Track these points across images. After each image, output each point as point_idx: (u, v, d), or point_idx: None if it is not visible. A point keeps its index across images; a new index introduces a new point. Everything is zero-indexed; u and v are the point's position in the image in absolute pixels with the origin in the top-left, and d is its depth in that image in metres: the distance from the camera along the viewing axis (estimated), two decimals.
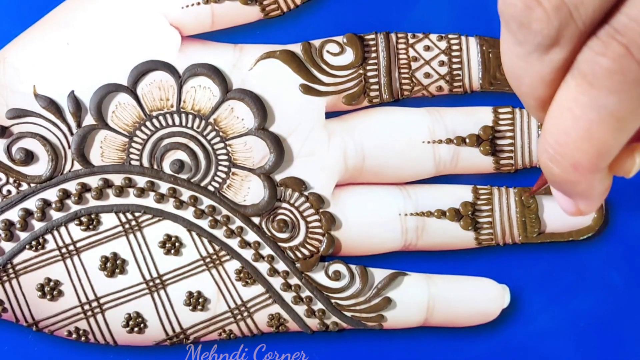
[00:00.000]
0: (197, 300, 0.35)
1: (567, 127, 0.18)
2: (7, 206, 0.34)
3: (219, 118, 0.34)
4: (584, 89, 0.17)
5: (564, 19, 0.16)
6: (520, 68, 0.18)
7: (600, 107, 0.17)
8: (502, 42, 0.18)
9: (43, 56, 0.34)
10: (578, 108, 0.17)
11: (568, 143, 0.18)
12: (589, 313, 0.35)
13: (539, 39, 0.17)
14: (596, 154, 0.18)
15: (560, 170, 0.18)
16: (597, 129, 0.17)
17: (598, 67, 0.17)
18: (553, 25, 0.16)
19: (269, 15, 0.35)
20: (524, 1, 0.16)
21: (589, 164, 0.18)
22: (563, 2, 0.16)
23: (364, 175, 0.35)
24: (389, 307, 0.35)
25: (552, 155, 0.18)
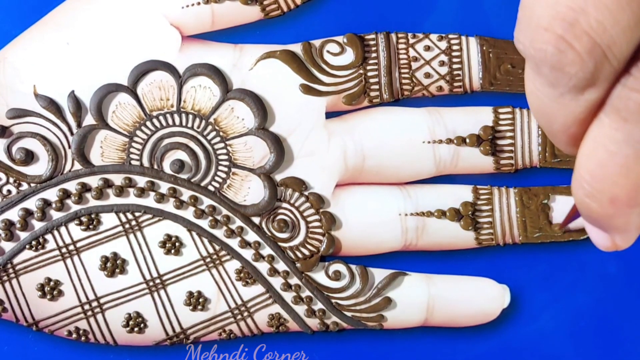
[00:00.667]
0: (197, 300, 0.35)
1: (603, 163, 0.18)
2: (7, 206, 0.34)
3: (219, 118, 0.34)
4: (619, 125, 0.17)
5: (599, 60, 0.16)
6: (551, 108, 0.18)
7: (635, 142, 0.17)
8: (529, 82, 0.18)
9: (43, 56, 0.34)
10: (613, 144, 0.17)
11: (605, 178, 0.18)
12: (589, 313, 0.36)
13: (574, 82, 0.17)
14: (634, 188, 0.18)
15: (597, 206, 0.19)
16: (633, 164, 0.17)
17: (632, 102, 0.17)
18: (588, 67, 0.16)
19: (269, 15, 0.35)
20: (555, 45, 0.16)
21: (627, 199, 0.18)
22: (596, 43, 0.16)
23: (364, 175, 0.35)
24: (389, 307, 0.35)
25: (589, 191, 0.18)
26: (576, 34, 0.16)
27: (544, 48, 0.16)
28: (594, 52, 0.16)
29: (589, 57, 0.16)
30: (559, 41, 0.16)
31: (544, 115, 0.18)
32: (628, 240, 0.20)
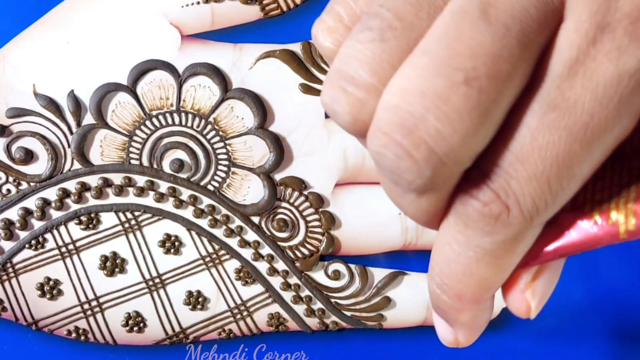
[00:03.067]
0: (197, 299, 0.35)
1: (450, 260, 0.18)
2: (7, 205, 0.34)
3: (219, 117, 0.34)
4: (461, 228, 0.17)
5: (436, 168, 0.16)
6: (399, 202, 0.18)
7: (475, 247, 0.17)
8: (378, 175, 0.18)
9: (43, 55, 0.34)
10: (457, 245, 0.18)
11: (451, 275, 0.18)
12: (588, 313, 0.35)
13: (413, 187, 0.16)
14: (478, 287, 0.18)
15: (446, 298, 0.19)
16: (475, 266, 0.18)
17: (471, 209, 0.17)
18: (425, 175, 0.16)
19: (268, 14, 0.35)
20: (393, 152, 0.16)
21: (472, 297, 0.18)
22: (433, 151, 0.16)
23: (363, 175, 0.35)
24: (389, 307, 0.35)
25: (439, 284, 0.19)
26: (414, 142, 0.16)
27: (383, 152, 0.16)
28: (431, 160, 0.16)
29: (426, 165, 0.16)
30: (397, 147, 0.16)
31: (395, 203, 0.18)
32: (470, 338, 0.21)
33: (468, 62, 0.15)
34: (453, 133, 0.16)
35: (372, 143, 0.16)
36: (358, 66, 0.17)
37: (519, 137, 0.16)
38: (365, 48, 0.17)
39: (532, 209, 0.16)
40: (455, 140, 0.16)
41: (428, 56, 0.16)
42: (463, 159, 0.16)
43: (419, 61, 0.16)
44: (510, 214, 0.16)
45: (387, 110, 0.16)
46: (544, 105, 0.16)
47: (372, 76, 0.16)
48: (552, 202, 0.16)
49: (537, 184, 0.16)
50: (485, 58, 0.15)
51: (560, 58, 0.16)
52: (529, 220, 0.17)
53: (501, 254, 0.17)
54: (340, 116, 0.17)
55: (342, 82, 0.17)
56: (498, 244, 0.17)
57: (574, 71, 0.16)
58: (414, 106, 0.16)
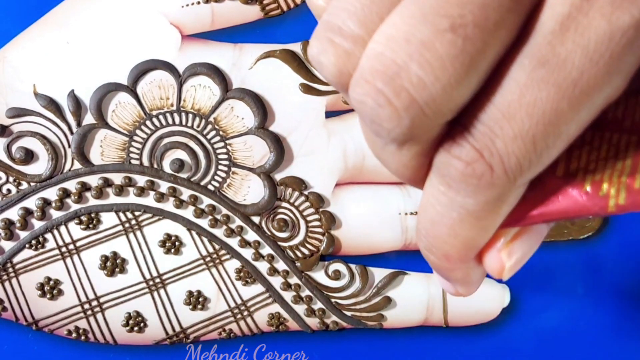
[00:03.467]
0: (197, 299, 0.35)
1: (434, 221, 0.18)
2: (7, 205, 0.34)
3: (219, 117, 0.34)
4: (444, 189, 0.17)
5: (416, 117, 0.16)
6: (381, 155, 0.18)
7: (459, 208, 0.17)
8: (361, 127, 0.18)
9: (43, 55, 0.34)
10: (440, 206, 0.18)
11: (436, 236, 0.18)
12: (588, 312, 0.35)
13: (392, 136, 0.16)
14: (463, 247, 0.18)
15: (435, 259, 0.19)
16: (459, 227, 0.18)
17: (453, 169, 0.17)
18: (405, 123, 0.16)
19: (268, 14, 0.35)
20: (374, 99, 0.16)
21: (459, 256, 0.18)
22: (414, 99, 0.15)
23: (364, 175, 0.35)
24: (389, 307, 0.35)
25: (426, 245, 0.19)
26: (395, 89, 0.15)
27: (364, 100, 0.16)
28: (411, 108, 0.16)
29: (406, 113, 0.16)
30: (377, 95, 0.16)
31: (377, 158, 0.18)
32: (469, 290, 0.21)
33: (455, 9, 0.15)
34: (435, 81, 0.15)
35: (353, 91, 0.16)
36: (346, 17, 0.16)
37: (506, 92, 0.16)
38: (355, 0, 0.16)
39: (516, 168, 0.16)
40: (436, 89, 0.15)
41: (415, 4, 0.15)
42: (444, 109, 0.16)
43: (406, 9, 0.16)
44: (493, 174, 0.16)
45: (371, 58, 0.16)
46: (533, 61, 0.16)
47: (359, 27, 0.16)
48: (537, 162, 0.16)
49: (522, 142, 0.16)
50: (473, 6, 0.15)
51: (552, 13, 0.15)
52: (513, 180, 0.16)
53: (484, 214, 0.17)
54: (326, 67, 0.17)
55: (330, 34, 0.17)
56: (481, 204, 0.17)
57: (566, 26, 0.15)
58: (398, 53, 0.15)
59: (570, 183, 0.18)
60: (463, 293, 0.21)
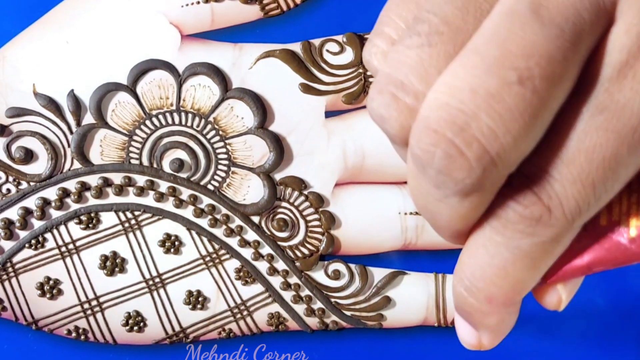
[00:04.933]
0: (197, 299, 0.35)
1: (483, 262, 0.18)
2: (7, 205, 0.34)
3: (219, 117, 0.34)
4: (499, 230, 0.17)
5: (487, 168, 0.16)
6: (436, 207, 0.18)
7: (514, 248, 0.17)
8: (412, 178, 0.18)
9: (43, 55, 0.34)
10: (493, 246, 0.17)
11: (484, 277, 0.18)
12: (588, 312, 0.35)
13: (460, 187, 0.16)
14: (511, 290, 0.18)
15: (474, 301, 0.19)
16: (511, 267, 0.17)
17: (512, 212, 0.17)
18: (476, 174, 0.16)
19: (268, 14, 0.35)
20: (444, 149, 0.16)
21: (504, 299, 0.18)
22: (486, 150, 0.15)
23: (363, 174, 0.35)
24: (389, 306, 0.35)
25: (468, 287, 0.18)
26: (466, 140, 0.15)
27: (432, 150, 0.16)
28: (484, 159, 0.16)
29: (478, 164, 0.16)
30: (448, 145, 0.16)
31: (428, 212, 0.18)
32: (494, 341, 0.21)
33: (521, 61, 0.15)
34: (506, 133, 0.15)
35: (419, 142, 0.16)
36: (408, 72, 0.16)
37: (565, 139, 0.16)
38: (414, 53, 0.16)
39: (575, 210, 0.16)
40: (507, 140, 0.15)
41: (478, 55, 0.15)
42: (513, 160, 0.16)
43: (468, 60, 0.16)
44: (552, 216, 0.16)
45: (437, 108, 0.16)
46: (591, 108, 0.16)
47: (420, 82, 0.16)
48: (595, 204, 0.16)
49: (581, 186, 0.16)
50: (539, 59, 0.15)
51: (609, 61, 0.16)
52: (571, 222, 0.16)
53: (539, 255, 0.17)
54: (388, 122, 0.17)
55: (392, 88, 0.17)
56: (537, 245, 0.17)
57: (624, 74, 0.15)
58: (466, 104, 0.15)
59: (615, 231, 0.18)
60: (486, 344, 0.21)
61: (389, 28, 0.18)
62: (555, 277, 0.18)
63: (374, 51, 0.18)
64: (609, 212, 0.18)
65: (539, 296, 0.20)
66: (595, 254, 0.18)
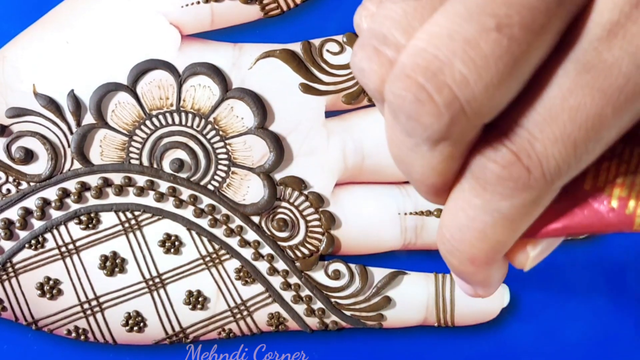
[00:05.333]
0: (197, 299, 0.35)
1: (462, 225, 0.18)
2: (7, 205, 0.34)
3: (219, 117, 0.34)
4: (477, 192, 0.17)
5: (456, 114, 0.15)
6: (409, 157, 0.17)
7: (493, 211, 0.17)
8: (388, 128, 0.18)
9: (43, 55, 0.34)
10: (471, 209, 0.17)
11: (464, 240, 0.18)
12: (588, 312, 0.35)
13: (429, 133, 0.16)
14: (491, 250, 0.18)
15: (458, 262, 0.19)
16: (490, 230, 0.17)
17: (489, 172, 0.16)
18: (444, 120, 0.16)
19: (268, 14, 0.35)
20: (414, 93, 0.15)
21: (485, 259, 0.18)
22: (455, 96, 0.15)
23: (363, 175, 0.35)
24: (389, 306, 0.35)
25: (449, 249, 0.18)
26: (437, 85, 0.15)
27: (403, 95, 0.16)
28: (453, 106, 0.15)
29: (447, 109, 0.15)
30: (419, 90, 0.15)
31: (402, 163, 0.18)
32: (489, 292, 0.21)
33: (502, 9, 0.15)
34: (478, 80, 0.15)
35: (393, 85, 0.16)
36: (391, 25, 0.16)
37: (548, 96, 0.16)
38: (399, 7, 0.16)
39: (554, 171, 0.16)
40: (479, 88, 0.15)
41: (460, 3, 0.15)
42: (485, 110, 0.16)
43: (450, 7, 0.15)
44: (531, 177, 0.16)
45: (412, 54, 0.16)
46: (578, 66, 0.15)
47: (403, 34, 0.16)
48: (575, 165, 0.16)
49: (562, 146, 0.16)
50: (520, 7, 0.15)
51: (599, 19, 0.15)
52: (550, 183, 0.16)
53: (518, 217, 0.17)
54: (368, 75, 0.17)
55: (374, 41, 0.17)
56: (516, 207, 0.17)
57: (614, 33, 0.15)
58: (441, 50, 0.15)
59: (597, 198, 0.18)
60: (483, 294, 0.21)
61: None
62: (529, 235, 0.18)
63: (364, 14, 0.19)
64: (595, 177, 0.17)
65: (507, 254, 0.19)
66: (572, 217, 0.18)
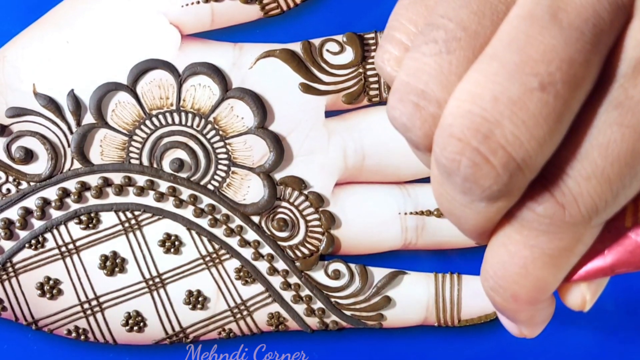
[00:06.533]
0: (197, 299, 0.35)
1: (504, 261, 0.18)
2: (7, 205, 0.34)
3: (219, 117, 0.34)
4: (517, 229, 0.17)
5: (514, 174, 0.16)
6: (462, 212, 0.18)
7: (532, 246, 0.17)
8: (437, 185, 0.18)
9: (43, 55, 0.34)
10: (513, 245, 0.18)
11: (506, 277, 0.18)
12: (589, 311, 0.35)
13: (487, 194, 0.16)
14: (534, 288, 0.18)
15: (501, 300, 0.19)
16: (531, 266, 0.18)
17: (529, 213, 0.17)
18: (503, 181, 0.16)
19: (268, 14, 0.35)
20: (469, 157, 0.16)
21: (528, 297, 0.18)
22: (512, 157, 0.15)
23: (363, 174, 0.35)
24: (389, 306, 0.35)
25: (493, 286, 0.19)
26: (491, 147, 0.15)
27: (458, 159, 0.16)
28: (510, 166, 0.16)
29: (504, 171, 0.16)
30: (474, 153, 0.16)
31: (454, 217, 0.18)
32: (534, 332, 0.21)
33: (542, 67, 0.15)
34: (530, 139, 0.15)
35: (444, 150, 0.16)
36: (428, 80, 0.16)
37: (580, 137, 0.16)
38: (432, 61, 0.16)
39: (591, 208, 0.16)
40: (532, 146, 0.15)
41: (498, 61, 0.15)
42: (538, 164, 0.16)
43: (487, 66, 0.16)
44: (566, 213, 0.16)
45: (460, 116, 0.16)
46: (606, 105, 0.16)
47: (442, 90, 0.16)
48: (613, 202, 0.16)
49: (596, 182, 0.16)
50: (560, 63, 0.15)
51: (625, 57, 0.16)
52: (587, 220, 0.16)
53: (558, 253, 0.17)
54: (412, 131, 0.17)
55: (413, 97, 0.17)
56: (556, 243, 0.17)
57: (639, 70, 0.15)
58: (489, 111, 0.15)
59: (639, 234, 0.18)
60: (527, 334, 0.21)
61: (399, 33, 0.18)
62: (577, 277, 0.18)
63: (386, 57, 0.18)
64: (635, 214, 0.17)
65: (564, 296, 0.20)
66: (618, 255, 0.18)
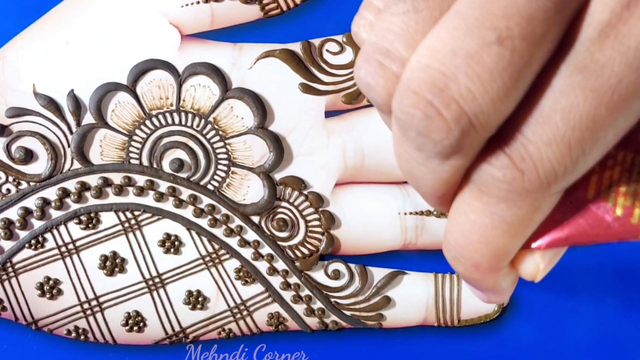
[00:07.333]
0: (197, 299, 0.35)
1: (465, 230, 0.18)
2: (7, 205, 0.34)
3: (219, 117, 0.34)
4: (477, 195, 0.17)
5: (465, 128, 0.16)
6: (419, 171, 0.18)
7: (492, 214, 0.17)
8: (396, 143, 0.18)
9: (42, 55, 0.34)
10: (473, 213, 0.17)
11: (467, 245, 0.18)
12: (588, 312, 0.35)
13: (439, 148, 0.16)
14: (494, 256, 0.18)
15: (463, 269, 0.19)
16: (491, 234, 0.17)
17: (488, 176, 0.17)
18: (454, 135, 0.16)
19: (268, 14, 0.35)
20: (423, 110, 0.16)
21: (489, 265, 0.18)
22: (464, 111, 0.15)
23: (363, 174, 0.35)
24: (389, 306, 0.35)
25: (455, 256, 0.18)
26: (445, 101, 0.15)
27: (412, 112, 0.16)
28: (462, 120, 0.16)
29: (456, 125, 0.16)
30: (427, 106, 0.16)
31: (412, 177, 0.18)
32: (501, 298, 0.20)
33: (501, 21, 0.15)
34: (484, 93, 0.15)
35: (400, 103, 0.16)
36: (394, 39, 0.16)
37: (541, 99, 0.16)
38: (400, 20, 0.16)
39: (549, 173, 0.16)
40: (485, 101, 0.15)
41: (459, 17, 0.15)
42: (492, 122, 0.16)
43: (451, 22, 0.16)
44: (525, 179, 0.16)
45: (417, 70, 0.16)
46: (570, 67, 0.15)
47: (406, 49, 0.16)
48: (572, 168, 0.16)
49: (556, 147, 0.16)
50: (519, 18, 0.15)
51: (592, 21, 0.15)
52: (546, 186, 0.16)
53: (518, 221, 0.17)
54: (375, 90, 0.17)
55: (378, 55, 0.17)
56: (515, 210, 0.17)
57: (605, 34, 0.15)
58: (446, 65, 0.15)
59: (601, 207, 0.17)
60: (496, 300, 0.21)
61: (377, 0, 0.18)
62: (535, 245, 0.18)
63: (362, 23, 0.19)
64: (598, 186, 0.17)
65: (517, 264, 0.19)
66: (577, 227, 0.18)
